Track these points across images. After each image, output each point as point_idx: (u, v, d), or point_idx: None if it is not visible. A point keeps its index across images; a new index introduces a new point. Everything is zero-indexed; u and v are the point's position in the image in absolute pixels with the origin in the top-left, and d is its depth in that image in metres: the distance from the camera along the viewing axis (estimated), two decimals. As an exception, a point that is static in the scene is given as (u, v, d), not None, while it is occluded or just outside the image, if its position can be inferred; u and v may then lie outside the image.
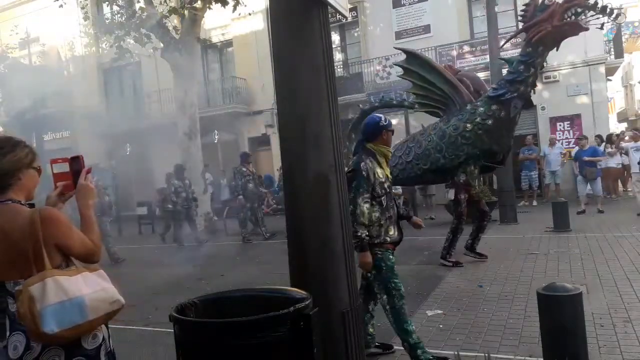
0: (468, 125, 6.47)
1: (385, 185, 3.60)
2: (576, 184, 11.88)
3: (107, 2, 14.35)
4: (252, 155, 11.13)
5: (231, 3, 13.00)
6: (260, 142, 19.04)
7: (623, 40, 20.25)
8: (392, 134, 3.76)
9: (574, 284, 3.08)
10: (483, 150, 6.63)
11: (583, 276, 5.83)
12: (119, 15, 14.74)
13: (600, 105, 15.08)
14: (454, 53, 15.93)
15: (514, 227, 10.00)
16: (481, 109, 6.43)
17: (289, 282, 2.73)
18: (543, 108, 15.16)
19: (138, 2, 14.49)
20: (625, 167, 12.58)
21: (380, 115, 3.76)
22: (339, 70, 17.40)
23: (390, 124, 3.71)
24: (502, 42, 12.89)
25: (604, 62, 15.15)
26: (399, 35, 17.07)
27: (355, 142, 8.18)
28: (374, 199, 3.54)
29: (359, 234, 3.43)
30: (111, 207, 10.72)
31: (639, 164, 10.04)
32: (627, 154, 11.31)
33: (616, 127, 34.76)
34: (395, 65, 7.64)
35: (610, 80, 19.33)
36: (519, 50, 14.63)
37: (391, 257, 3.63)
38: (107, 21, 15.29)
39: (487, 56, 12.50)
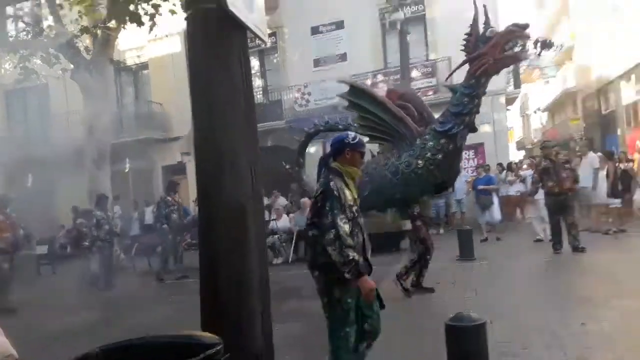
0: (420, 161, 6.51)
1: (354, 209, 3.27)
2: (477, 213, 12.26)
3: (11, 19, 13.53)
4: (179, 184, 10.69)
5: (147, 23, 12.70)
6: (175, 171, 18.37)
7: (520, 71, 22.08)
8: (362, 156, 3.46)
9: (478, 314, 3.11)
10: (436, 184, 6.84)
11: (487, 305, 5.94)
12: (24, 33, 13.92)
13: (501, 134, 16.24)
14: (369, 82, 16.54)
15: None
16: (430, 143, 6.47)
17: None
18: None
19: (46, 19, 13.79)
20: (523, 195, 13.29)
21: (351, 132, 3.54)
22: (258, 96, 17.46)
23: (359, 143, 3.39)
24: (412, 71, 13.67)
25: (504, 93, 16.40)
26: (317, 62, 17.43)
27: (303, 167, 8.20)
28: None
29: (351, 257, 3.06)
30: (29, 241, 9.66)
31: (529, 193, 10.46)
32: (524, 181, 12.08)
33: (515, 155, 37.49)
34: (339, 97, 7.61)
35: (509, 110, 20.89)
36: (428, 78, 15.94)
37: (349, 300, 3.26)
38: (10, 39, 14.37)
39: (399, 85, 13.05)
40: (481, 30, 6.29)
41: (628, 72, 20.95)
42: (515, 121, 43.74)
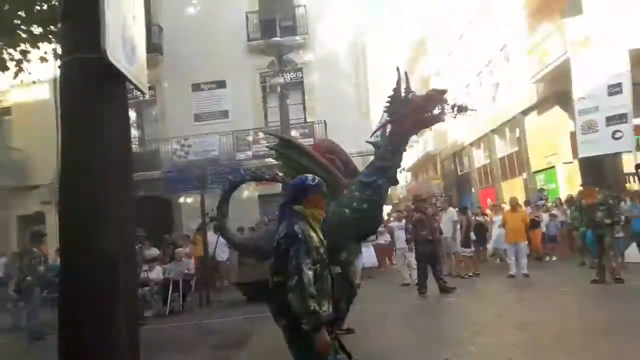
0: (347, 210, 6.64)
1: (321, 251, 3.16)
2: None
3: None
4: (45, 235, 9.71)
5: (13, 69, 11.84)
6: (33, 221, 16.77)
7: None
8: (324, 197, 3.37)
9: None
10: (363, 232, 7.05)
11: (361, 348, 6.04)
12: None
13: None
14: (250, 139, 16.92)
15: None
16: (356, 194, 6.67)
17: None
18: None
19: None
20: (390, 244, 14.17)
21: (309, 175, 3.45)
22: (134, 146, 16.92)
23: (319, 184, 3.32)
24: (292, 131, 14.27)
25: (374, 155, 17.60)
26: (198, 117, 17.69)
27: (227, 216, 7.92)
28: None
29: (312, 308, 2.86)
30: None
31: (406, 241, 11.22)
32: (391, 233, 13.00)
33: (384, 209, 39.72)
34: (269, 148, 7.60)
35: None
36: (306, 138, 16.69)
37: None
38: None
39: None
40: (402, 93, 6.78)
41: (478, 140, 23.90)
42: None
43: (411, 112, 6.57)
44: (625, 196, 11.80)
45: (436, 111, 6.62)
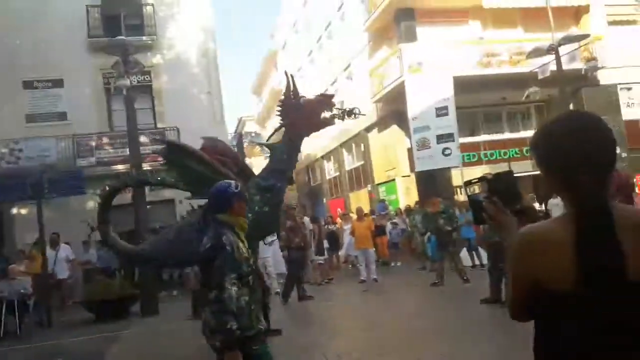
0: (249, 214, 6.09)
1: (250, 262, 3.07)
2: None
3: None
4: None
5: None
6: None
7: (244, 146, 23.99)
8: (246, 204, 3.31)
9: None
10: (263, 235, 6.81)
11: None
12: None
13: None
14: (93, 143, 15.65)
15: (156, 318, 10.00)
16: (256, 197, 6.52)
17: None
18: (181, 202, 16.02)
19: None
20: None
21: (229, 181, 3.31)
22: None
23: (242, 191, 3.25)
24: (141, 137, 13.53)
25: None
26: (31, 118, 15.84)
27: (110, 224, 6.90)
28: (241, 279, 2.90)
29: (229, 326, 2.73)
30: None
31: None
32: None
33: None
34: (156, 153, 6.83)
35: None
36: (158, 145, 15.88)
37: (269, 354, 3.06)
38: None
39: (127, 149, 12.72)
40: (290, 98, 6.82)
41: (328, 154, 25.22)
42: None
43: (304, 115, 6.68)
44: (454, 206, 13.41)
45: (327, 114, 6.81)
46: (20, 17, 15.76)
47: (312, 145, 27.15)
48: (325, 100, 6.96)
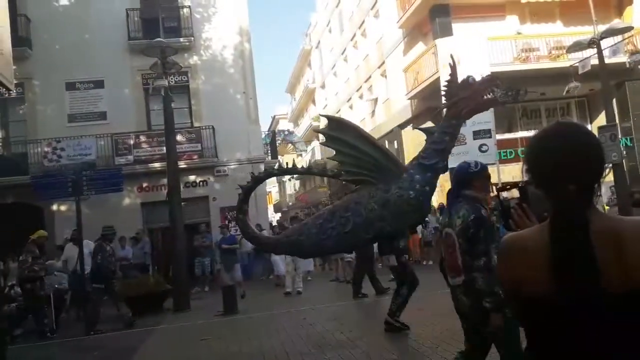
0: (411, 192, 6.41)
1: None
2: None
3: None
4: None
5: None
6: None
7: (277, 144, 24.24)
8: (488, 179, 3.50)
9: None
10: (423, 216, 6.87)
11: (254, 354, 6.35)
12: None
13: (261, 198, 17.49)
14: (131, 142, 16.08)
15: (187, 314, 10.19)
16: (417, 176, 6.47)
17: None
18: (214, 199, 16.52)
19: None
20: None
21: (471, 161, 3.48)
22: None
23: (483, 168, 3.43)
24: (177, 136, 13.78)
25: (264, 161, 17.81)
26: (72, 118, 16.43)
27: (247, 215, 7.21)
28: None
29: (496, 290, 2.99)
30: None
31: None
32: None
33: (273, 216, 40.23)
34: (317, 131, 7.02)
35: (268, 177, 22.54)
36: (193, 143, 16.27)
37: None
38: None
39: (164, 147, 12.99)
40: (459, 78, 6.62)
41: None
42: (273, 186, 47.36)
43: (472, 94, 6.44)
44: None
45: (492, 95, 6.51)
46: (63, 21, 16.37)
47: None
48: (491, 81, 6.62)
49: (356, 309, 9.24)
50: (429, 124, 17.13)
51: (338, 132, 6.84)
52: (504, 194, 1.60)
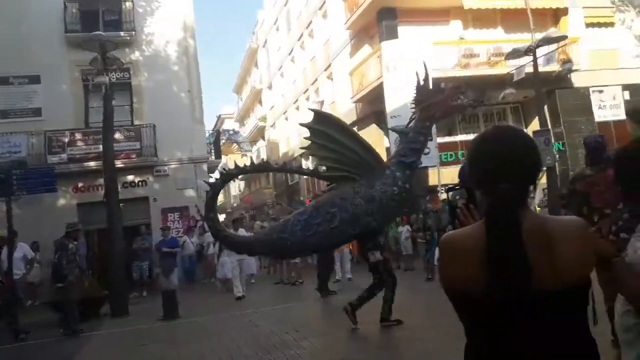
0: (395, 188, 6.61)
1: None
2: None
3: None
4: None
5: None
6: None
7: (221, 143, 23.89)
8: None
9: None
10: (404, 211, 6.88)
11: (193, 358, 6.23)
12: None
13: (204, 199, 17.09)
14: (65, 139, 15.37)
15: (126, 319, 9.82)
16: (398, 173, 6.66)
17: None
18: (155, 199, 16.03)
19: None
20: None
21: None
22: None
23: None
24: (116, 134, 13.25)
25: (207, 161, 17.46)
26: (4, 114, 15.50)
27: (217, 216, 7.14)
28: None
29: None
30: None
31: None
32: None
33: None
34: (302, 125, 7.03)
35: (211, 177, 22.16)
36: (132, 142, 15.70)
37: None
38: None
39: (101, 146, 12.47)
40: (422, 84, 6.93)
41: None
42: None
43: (443, 99, 6.84)
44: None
45: (459, 101, 6.94)
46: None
47: (291, 144, 27.13)
48: (459, 88, 7.10)
49: (301, 310, 9.22)
50: (373, 127, 17.59)
51: (323, 125, 6.96)
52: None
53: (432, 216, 10.19)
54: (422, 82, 6.95)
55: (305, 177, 25.91)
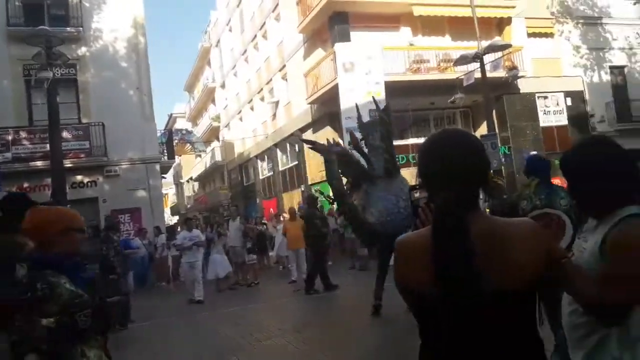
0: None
1: None
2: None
3: None
4: None
5: None
6: None
7: (174, 144, 23.43)
8: None
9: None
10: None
11: None
12: None
13: (157, 200, 16.77)
14: (9, 137, 14.69)
15: None
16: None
17: None
18: (104, 200, 15.56)
19: None
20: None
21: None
22: None
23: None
24: (63, 133, 12.79)
25: (159, 162, 17.11)
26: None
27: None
28: None
29: None
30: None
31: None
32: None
33: (170, 219, 38.78)
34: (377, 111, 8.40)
35: (164, 177, 21.73)
36: (81, 141, 15.17)
37: None
38: None
39: (48, 145, 12.01)
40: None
41: (263, 153, 25.02)
42: (170, 188, 45.59)
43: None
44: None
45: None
46: None
47: (247, 144, 26.95)
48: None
49: (258, 312, 9.18)
50: (328, 129, 17.74)
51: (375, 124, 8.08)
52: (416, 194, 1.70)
53: None
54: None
55: (262, 178, 25.81)
